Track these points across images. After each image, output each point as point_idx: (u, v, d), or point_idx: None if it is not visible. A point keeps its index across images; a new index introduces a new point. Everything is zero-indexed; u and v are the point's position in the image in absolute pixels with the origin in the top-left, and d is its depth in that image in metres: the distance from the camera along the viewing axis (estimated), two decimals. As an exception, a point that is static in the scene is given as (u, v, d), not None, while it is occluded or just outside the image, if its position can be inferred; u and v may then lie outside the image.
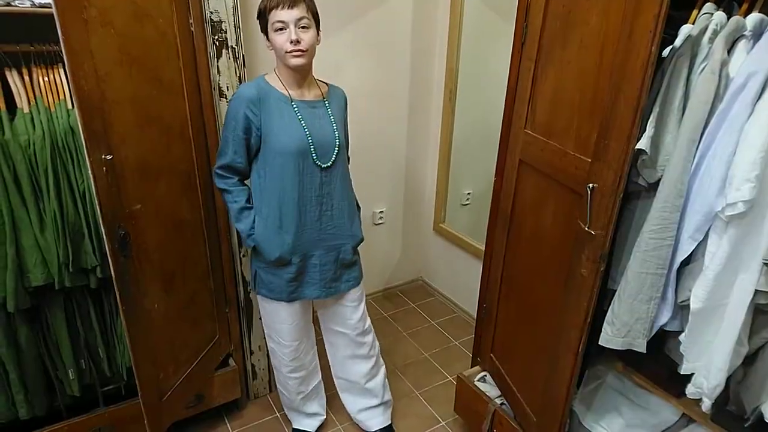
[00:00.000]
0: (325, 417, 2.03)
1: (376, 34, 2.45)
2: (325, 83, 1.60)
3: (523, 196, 1.59)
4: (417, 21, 2.54)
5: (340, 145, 1.54)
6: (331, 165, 1.53)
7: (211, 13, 1.61)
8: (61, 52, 1.12)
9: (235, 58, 1.70)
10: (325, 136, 1.51)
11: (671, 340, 1.33)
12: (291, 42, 1.37)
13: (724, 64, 1.05)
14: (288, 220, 1.52)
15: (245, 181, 1.59)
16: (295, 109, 1.47)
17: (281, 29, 1.38)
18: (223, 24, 1.64)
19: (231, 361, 2.02)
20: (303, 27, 1.39)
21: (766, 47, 1.01)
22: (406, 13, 2.50)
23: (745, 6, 1.09)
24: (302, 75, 1.49)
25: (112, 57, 1.27)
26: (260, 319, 2.04)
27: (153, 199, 1.47)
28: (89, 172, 1.22)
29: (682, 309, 1.21)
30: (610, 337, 1.25)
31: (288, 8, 1.36)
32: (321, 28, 1.47)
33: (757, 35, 1.07)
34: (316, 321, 1.86)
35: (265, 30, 1.44)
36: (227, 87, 1.71)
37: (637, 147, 1.12)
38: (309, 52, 1.42)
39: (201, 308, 1.80)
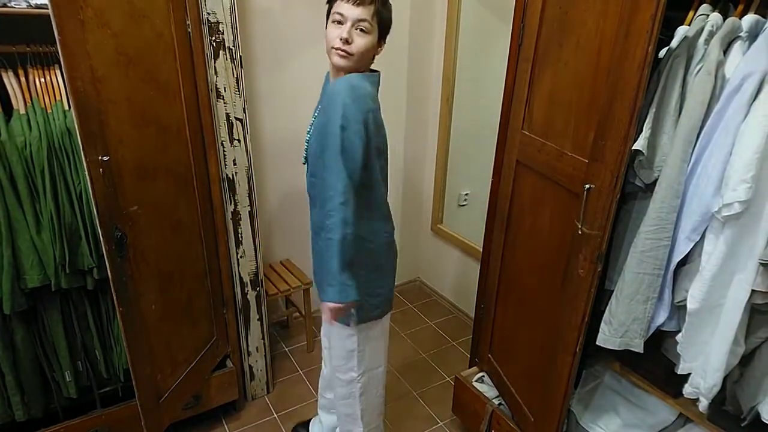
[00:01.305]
0: None
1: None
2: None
3: (521, 196, 1.60)
4: (414, 20, 2.54)
5: (308, 149, 1.40)
6: (306, 163, 1.44)
7: (209, 14, 1.60)
8: (58, 53, 1.12)
9: (233, 59, 1.70)
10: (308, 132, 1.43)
11: (668, 340, 1.33)
12: (341, 39, 1.25)
13: (720, 65, 1.06)
14: None
15: None
16: (319, 100, 1.46)
17: (338, 22, 1.26)
18: (220, 25, 1.63)
19: (228, 363, 2.01)
20: (361, 30, 1.26)
21: (761, 48, 1.01)
22: (403, 11, 2.50)
23: (740, 7, 1.10)
24: (340, 74, 1.35)
25: (108, 58, 1.27)
26: (258, 319, 2.04)
27: (150, 201, 1.47)
28: (86, 173, 1.22)
29: (678, 309, 1.22)
30: (607, 337, 1.26)
31: (353, 4, 1.24)
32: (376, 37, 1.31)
33: (752, 36, 1.07)
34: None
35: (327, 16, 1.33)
36: (224, 88, 1.70)
37: (633, 147, 1.12)
38: (355, 57, 1.27)
39: (198, 309, 1.80)
